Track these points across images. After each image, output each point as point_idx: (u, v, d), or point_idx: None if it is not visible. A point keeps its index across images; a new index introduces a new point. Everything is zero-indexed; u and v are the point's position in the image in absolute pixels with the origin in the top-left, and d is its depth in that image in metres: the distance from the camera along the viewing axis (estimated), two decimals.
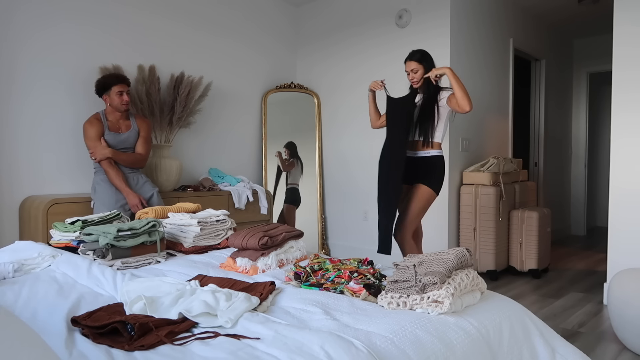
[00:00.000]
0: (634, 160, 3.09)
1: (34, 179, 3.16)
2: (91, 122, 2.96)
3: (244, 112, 4.54)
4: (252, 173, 4.62)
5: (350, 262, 1.81)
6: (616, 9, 3.15)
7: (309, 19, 4.92)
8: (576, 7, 4.96)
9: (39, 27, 3.15)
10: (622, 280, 2.45)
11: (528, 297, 3.38)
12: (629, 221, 3.09)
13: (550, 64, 5.64)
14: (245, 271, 1.90)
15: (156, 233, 2.12)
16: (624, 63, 3.12)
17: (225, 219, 2.50)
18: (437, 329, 1.31)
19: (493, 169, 3.94)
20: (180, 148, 4.01)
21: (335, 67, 4.69)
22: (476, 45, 4.24)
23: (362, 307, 1.45)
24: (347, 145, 4.62)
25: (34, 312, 1.41)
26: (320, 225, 4.71)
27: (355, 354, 1.10)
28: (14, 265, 1.82)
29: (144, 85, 3.49)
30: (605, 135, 6.96)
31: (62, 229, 2.23)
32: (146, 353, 1.14)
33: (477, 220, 3.89)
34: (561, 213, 6.13)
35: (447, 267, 1.45)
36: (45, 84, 3.20)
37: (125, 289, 1.49)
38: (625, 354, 2.41)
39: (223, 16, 4.31)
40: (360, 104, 4.49)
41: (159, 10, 3.81)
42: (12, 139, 3.07)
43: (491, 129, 4.54)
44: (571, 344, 1.61)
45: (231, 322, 1.30)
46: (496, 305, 1.56)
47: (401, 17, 4.15)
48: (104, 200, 2.91)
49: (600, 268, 4.34)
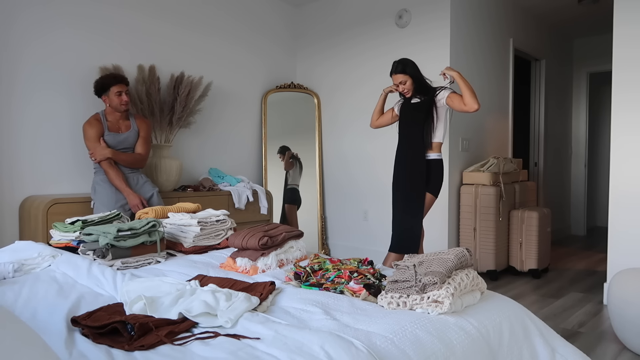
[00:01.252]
0: (634, 160, 3.09)
1: (34, 179, 3.16)
2: (91, 123, 2.96)
3: (244, 112, 4.54)
4: (252, 173, 4.62)
5: (350, 262, 1.81)
6: (616, 10, 3.15)
7: (308, 19, 4.92)
8: (576, 7, 4.96)
9: (39, 31, 3.15)
10: (622, 280, 2.45)
11: (528, 297, 3.38)
12: (629, 221, 3.09)
13: (550, 64, 5.64)
14: (245, 271, 1.90)
15: (156, 233, 2.12)
16: (624, 64, 3.12)
17: (225, 219, 2.50)
18: (437, 329, 1.31)
19: (493, 169, 3.94)
20: (180, 148, 4.01)
21: (335, 67, 4.69)
22: (476, 45, 4.24)
23: (362, 307, 1.45)
24: (347, 145, 4.62)
25: (34, 312, 1.41)
26: (320, 225, 4.71)
27: (355, 354, 1.10)
28: (14, 265, 1.82)
29: (144, 85, 3.49)
30: (605, 135, 6.96)
31: (62, 229, 2.23)
32: (146, 353, 1.14)
33: (477, 220, 3.89)
34: (561, 213, 6.13)
35: (447, 267, 1.45)
36: (46, 85, 3.20)
37: (125, 289, 1.49)
38: (625, 354, 2.41)
39: (222, 16, 4.30)
40: (360, 103, 4.50)
41: (159, 11, 3.81)
42: (13, 139, 3.07)
43: (491, 129, 4.54)
44: (571, 344, 1.61)
45: (231, 322, 1.30)
46: (496, 305, 1.56)
47: (401, 17, 4.15)
48: (103, 201, 2.91)
49: (600, 268, 4.34)
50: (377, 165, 4.37)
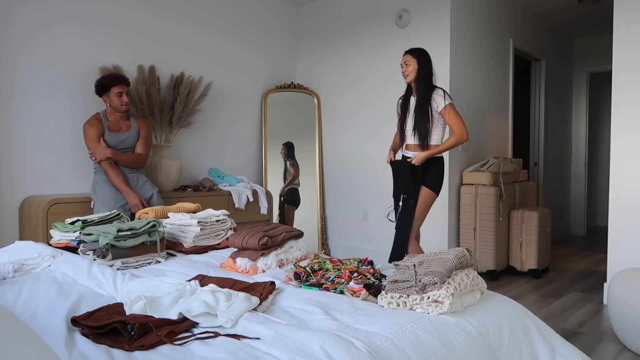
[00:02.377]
0: (634, 160, 3.09)
1: (34, 179, 3.16)
2: (91, 123, 2.96)
3: (244, 112, 4.54)
4: (252, 173, 4.62)
5: (350, 262, 1.81)
6: (616, 11, 3.15)
7: (308, 19, 4.92)
8: (576, 7, 4.96)
9: (39, 30, 3.15)
10: (622, 280, 2.45)
11: (528, 297, 3.38)
12: (629, 221, 3.09)
13: (550, 64, 5.64)
14: (245, 271, 1.90)
15: (156, 233, 2.12)
16: (624, 64, 3.12)
17: (225, 219, 2.50)
18: (437, 329, 1.31)
19: (493, 169, 3.94)
20: (180, 148, 4.01)
21: (335, 67, 4.69)
22: (476, 45, 4.24)
23: (362, 307, 1.45)
24: (347, 145, 4.62)
25: (34, 312, 1.41)
26: (320, 225, 4.71)
27: (355, 354, 1.10)
28: (14, 265, 1.82)
29: (144, 85, 3.49)
30: (605, 135, 6.96)
31: (62, 229, 2.23)
32: (146, 353, 1.14)
33: (477, 220, 3.89)
34: (561, 213, 6.13)
35: (447, 267, 1.45)
36: (45, 84, 3.20)
37: (126, 289, 1.49)
38: (625, 354, 2.41)
39: (222, 16, 4.31)
40: (360, 103, 4.50)
41: (159, 11, 3.81)
42: (13, 139, 3.07)
43: (491, 129, 4.54)
44: (571, 344, 1.61)
45: (231, 322, 1.30)
46: (496, 305, 1.56)
47: (401, 17, 4.15)
48: (103, 201, 2.91)
49: (600, 268, 4.34)
50: (377, 165, 4.37)
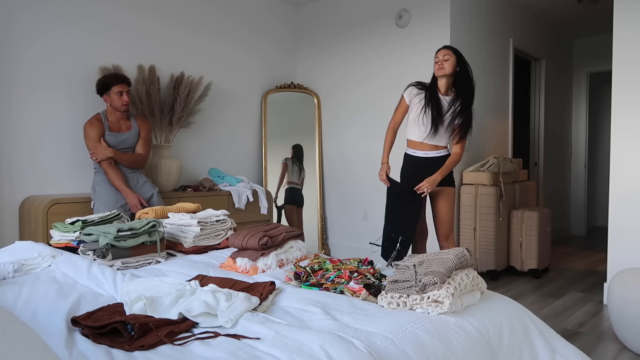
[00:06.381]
0: (634, 160, 3.09)
1: (35, 179, 3.16)
2: (91, 123, 2.96)
3: (244, 112, 4.54)
4: (252, 173, 4.62)
5: (350, 262, 1.81)
6: (616, 12, 3.15)
7: (309, 19, 4.91)
8: (576, 7, 4.96)
9: (39, 31, 3.15)
10: (622, 280, 2.45)
11: (528, 297, 3.38)
12: (629, 221, 3.09)
13: (550, 64, 5.63)
14: (245, 271, 1.90)
15: (156, 233, 2.12)
16: (623, 65, 3.12)
17: (225, 219, 2.49)
18: (437, 329, 1.31)
19: (493, 169, 3.94)
20: (180, 148, 4.01)
21: (335, 67, 4.69)
22: (476, 45, 4.24)
23: (362, 307, 1.45)
24: (347, 145, 4.62)
25: (34, 312, 1.41)
26: (320, 225, 4.71)
27: (355, 354, 1.10)
28: (14, 266, 1.82)
29: (144, 85, 3.49)
30: (605, 135, 6.96)
31: (62, 229, 2.23)
32: (146, 353, 1.14)
33: (477, 220, 3.89)
34: (561, 213, 6.12)
35: (447, 267, 1.45)
36: (46, 85, 3.20)
37: (126, 289, 1.49)
38: (625, 354, 2.41)
39: (223, 16, 4.30)
40: (360, 103, 4.49)
41: (159, 12, 3.81)
42: (13, 140, 3.07)
43: (491, 129, 4.54)
44: (571, 344, 1.61)
45: (231, 322, 1.30)
46: (496, 305, 1.56)
47: (401, 17, 4.15)
48: (103, 201, 2.91)
49: (600, 268, 4.34)
50: (377, 165, 4.36)
